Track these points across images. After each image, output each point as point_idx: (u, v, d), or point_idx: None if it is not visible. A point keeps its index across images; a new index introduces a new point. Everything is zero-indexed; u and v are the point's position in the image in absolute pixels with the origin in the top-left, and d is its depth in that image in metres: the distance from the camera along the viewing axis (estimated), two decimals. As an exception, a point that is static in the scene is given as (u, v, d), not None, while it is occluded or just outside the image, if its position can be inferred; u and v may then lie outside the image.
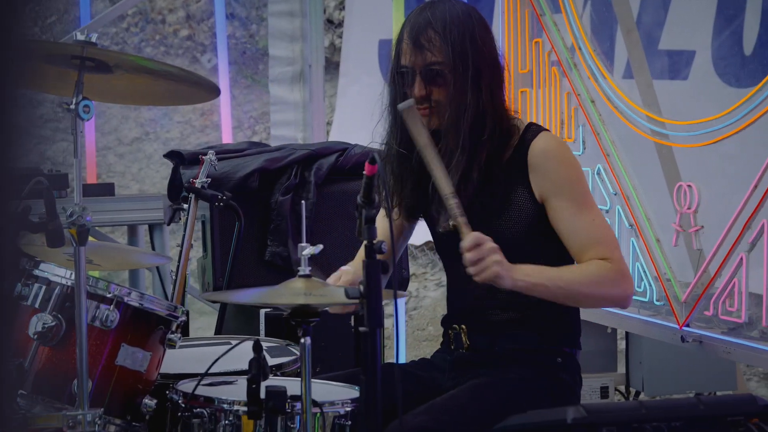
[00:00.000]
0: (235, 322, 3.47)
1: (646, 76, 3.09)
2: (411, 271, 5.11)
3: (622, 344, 3.81)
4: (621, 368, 3.70)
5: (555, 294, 2.27)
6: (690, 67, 2.93)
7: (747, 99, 2.70)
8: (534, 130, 2.37)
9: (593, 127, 3.25)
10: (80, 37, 2.15)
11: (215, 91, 2.27)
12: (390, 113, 2.39)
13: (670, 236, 2.99)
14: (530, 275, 2.24)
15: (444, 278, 2.66)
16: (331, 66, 5.86)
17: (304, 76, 5.25)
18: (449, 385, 2.40)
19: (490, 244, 2.18)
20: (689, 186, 2.91)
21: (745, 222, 2.70)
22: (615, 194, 3.18)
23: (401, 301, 4.70)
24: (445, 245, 2.47)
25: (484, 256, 2.17)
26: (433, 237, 2.53)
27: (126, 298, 2.23)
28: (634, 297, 3.11)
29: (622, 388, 3.73)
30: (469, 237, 2.17)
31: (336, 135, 5.39)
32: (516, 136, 2.37)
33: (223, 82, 5.54)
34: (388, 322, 5.08)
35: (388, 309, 4.65)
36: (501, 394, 2.31)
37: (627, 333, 3.63)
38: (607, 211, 3.20)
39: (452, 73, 2.29)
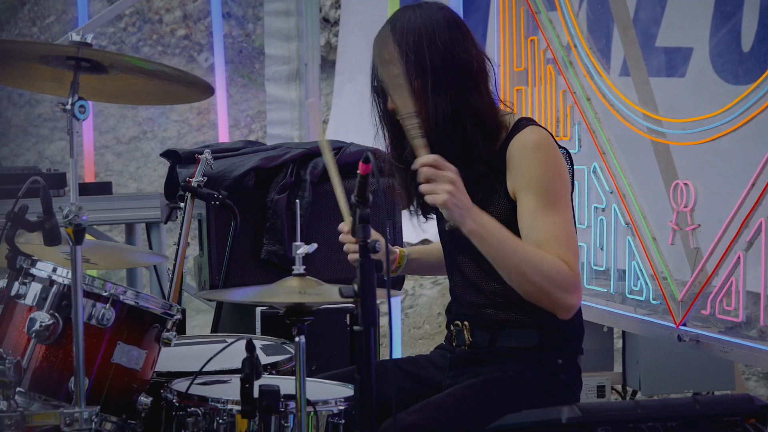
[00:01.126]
0: (231, 320, 3.47)
1: (643, 73, 3.09)
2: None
3: (618, 343, 3.81)
4: (618, 367, 3.70)
5: (496, 259, 2.22)
6: (687, 65, 2.93)
7: (744, 96, 2.71)
8: (522, 125, 2.35)
9: (589, 125, 3.25)
10: (75, 37, 2.16)
11: (209, 91, 2.28)
12: (380, 126, 2.40)
13: (667, 235, 2.99)
14: (484, 226, 2.20)
15: (440, 277, 2.68)
16: (327, 65, 5.85)
17: (300, 74, 5.25)
18: (448, 383, 2.41)
19: (449, 171, 2.16)
20: (686, 184, 2.91)
21: (742, 220, 2.70)
22: (611, 192, 3.18)
23: (397, 300, 4.69)
24: (451, 242, 2.48)
25: (439, 179, 2.16)
26: (439, 232, 2.54)
27: (122, 297, 2.24)
28: (631, 296, 3.11)
29: (619, 387, 3.73)
30: (429, 156, 2.16)
31: (332, 133, 5.39)
32: (505, 132, 2.36)
33: (220, 81, 5.54)
34: (384, 321, 5.08)
35: (384, 307, 4.65)
36: (497, 393, 2.31)
37: (624, 332, 3.63)
38: (603, 210, 3.20)
39: (414, 81, 2.29)
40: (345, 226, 2.38)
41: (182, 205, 3.10)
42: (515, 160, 2.31)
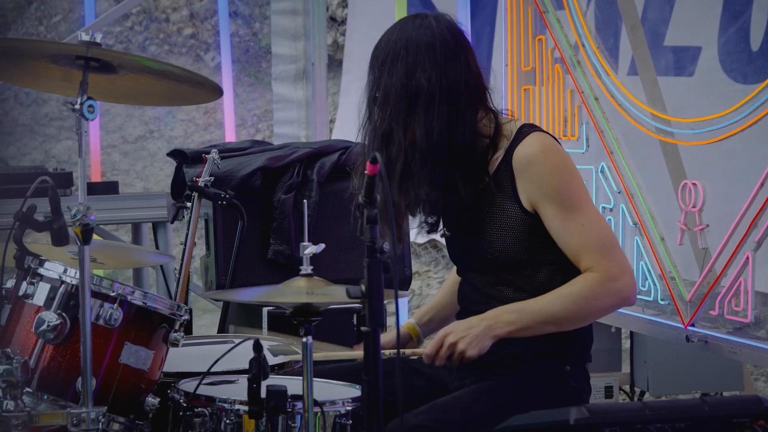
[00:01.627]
0: (238, 320, 3.48)
1: (651, 73, 3.08)
2: (414, 269, 5.11)
3: (626, 343, 3.81)
4: (626, 368, 3.70)
5: (545, 330, 2.30)
6: (696, 64, 2.93)
7: (753, 96, 2.70)
8: (525, 132, 2.36)
9: (597, 124, 3.24)
10: (84, 37, 2.16)
11: (218, 92, 2.28)
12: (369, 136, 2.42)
13: (675, 235, 2.98)
14: (511, 323, 2.27)
15: (447, 276, 2.69)
16: (334, 64, 5.86)
17: (306, 74, 5.25)
18: (455, 386, 2.40)
19: (447, 340, 2.25)
20: (694, 184, 2.90)
21: (751, 220, 2.70)
22: (619, 192, 3.18)
23: (404, 300, 4.69)
24: (452, 246, 2.49)
25: (446, 353, 2.24)
26: (444, 238, 2.54)
27: (129, 297, 2.24)
28: (639, 296, 3.11)
29: (627, 387, 3.72)
30: (425, 355, 2.26)
31: (339, 133, 5.39)
32: (506, 141, 2.36)
33: (227, 80, 5.55)
34: (391, 321, 5.08)
35: (391, 307, 4.66)
36: (505, 396, 2.31)
37: (631, 332, 3.63)
38: (611, 210, 3.20)
39: (383, 101, 2.33)
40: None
41: (189, 204, 3.11)
42: (524, 171, 2.32)
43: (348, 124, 5.32)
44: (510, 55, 3.56)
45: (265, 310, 3.24)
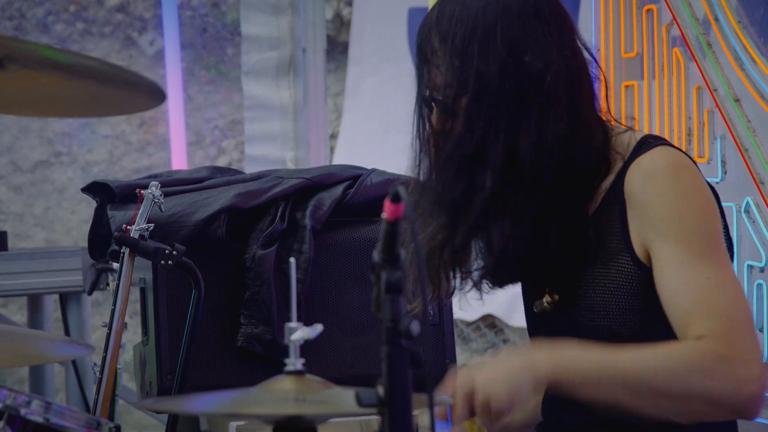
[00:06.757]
0: (191, 443, 3.50)
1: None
2: (460, 361, 5.10)
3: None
4: None
5: (612, 396, 2.26)
6: None
7: None
8: (648, 144, 2.41)
9: (738, 140, 3.26)
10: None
11: (159, 95, 2.31)
12: (422, 154, 2.46)
13: None
14: (561, 365, 2.26)
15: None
16: (337, 49, 5.91)
17: (295, 65, 5.29)
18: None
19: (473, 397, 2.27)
20: None
21: None
22: (774, 243, 3.20)
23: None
24: (543, 329, 2.51)
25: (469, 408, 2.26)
26: (526, 315, 2.57)
27: (23, 410, 2.26)
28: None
29: None
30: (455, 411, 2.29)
31: (344, 155, 5.42)
32: (620, 160, 2.41)
33: (173, 75, 5.61)
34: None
35: (425, 420, 4.65)
36: None
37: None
38: (761, 270, 3.20)
39: (460, 98, 2.36)
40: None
41: (116, 266, 3.14)
42: (637, 195, 2.36)
43: (358, 139, 5.36)
44: (603, 34, 3.58)
45: (233, 426, 3.26)
